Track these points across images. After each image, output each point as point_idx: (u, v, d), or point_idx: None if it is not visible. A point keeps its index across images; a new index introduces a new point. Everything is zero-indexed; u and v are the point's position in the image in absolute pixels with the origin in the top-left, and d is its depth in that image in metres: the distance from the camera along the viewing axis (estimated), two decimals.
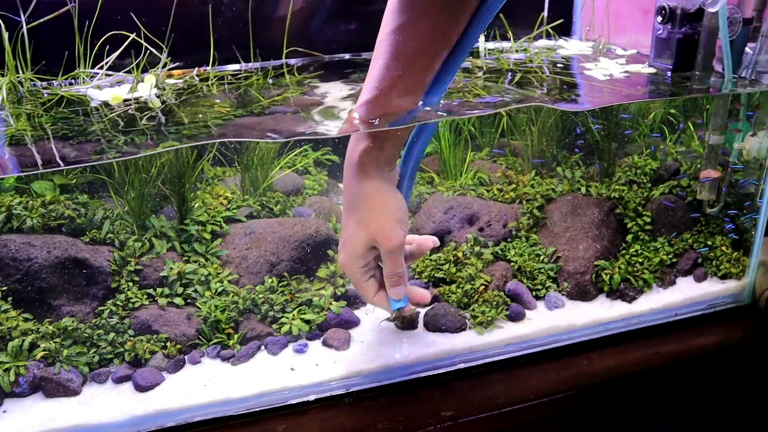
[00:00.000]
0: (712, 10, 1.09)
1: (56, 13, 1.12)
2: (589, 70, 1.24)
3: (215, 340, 1.07)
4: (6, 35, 1.07)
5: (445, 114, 0.97)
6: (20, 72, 1.11)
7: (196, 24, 1.24)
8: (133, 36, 1.13)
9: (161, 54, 1.16)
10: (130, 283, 1.10)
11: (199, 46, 1.24)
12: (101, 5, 1.14)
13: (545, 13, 1.45)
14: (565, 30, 1.51)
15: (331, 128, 0.98)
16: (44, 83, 1.15)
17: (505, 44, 1.41)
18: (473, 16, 0.87)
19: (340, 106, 1.08)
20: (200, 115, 1.00)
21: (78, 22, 1.12)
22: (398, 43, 0.85)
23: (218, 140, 0.97)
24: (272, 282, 1.14)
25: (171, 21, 1.18)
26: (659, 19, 1.19)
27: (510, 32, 1.39)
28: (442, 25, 0.85)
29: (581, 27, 1.52)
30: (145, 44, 1.14)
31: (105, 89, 1.12)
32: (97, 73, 1.15)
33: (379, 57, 0.87)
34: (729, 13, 1.10)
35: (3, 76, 1.10)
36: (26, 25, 1.09)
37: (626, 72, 1.22)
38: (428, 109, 0.92)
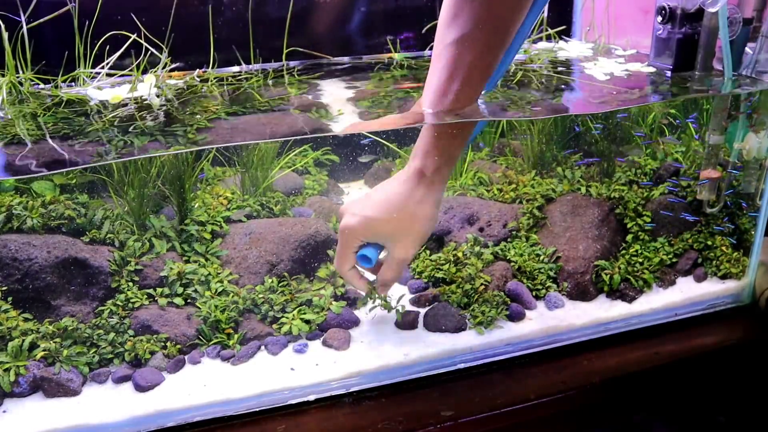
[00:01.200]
0: (712, 10, 1.09)
1: (56, 13, 1.12)
2: (589, 70, 1.24)
3: (215, 340, 1.07)
4: (6, 35, 1.07)
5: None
6: (20, 72, 1.11)
7: (197, 24, 1.24)
8: (134, 37, 1.13)
9: (161, 54, 1.16)
10: (130, 283, 1.10)
11: (199, 47, 1.24)
12: (101, 5, 1.14)
13: (545, 20, 1.45)
14: (564, 31, 1.51)
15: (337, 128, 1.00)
16: (45, 84, 1.15)
17: None
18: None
19: (343, 107, 1.08)
20: (198, 116, 1.00)
21: (78, 22, 1.12)
22: (453, 55, 0.90)
23: (224, 144, 0.97)
24: (272, 282, 1.14)
25: (171, 21, 1.18)
26: (659, 19, 1.19)
27: None
28: (496, 35, 0.90)
29: (581, 28, 1.53)
30: (145, 45, 1.14)
31: (105, 89, 1.12)
32: (97, 73, 1.15)
33: (434, 70, 0.92)
34: (729, 13, 1.10)
35: (3, 76, 1.10)
36: (26, 25, 1.09)
37: (627, 71, 1.22)
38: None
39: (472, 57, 0.90)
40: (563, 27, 1.49)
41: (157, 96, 1.10)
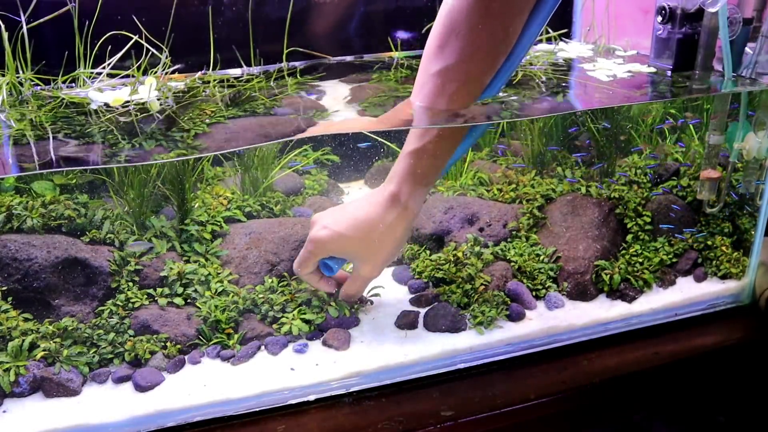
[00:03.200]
0: (712, 10, 1.09)
1: (56, 13, 1.12)
2: (591, 71, 1.24)
3: (215, 340, 1.07)
4: (6, 35, 1.07)
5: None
6: (20, 72, 1.11)
7: (197, 25, 1.24)
8: (135, 38, 1.13)
9: (162, 55, 1.16)
10: (130, 283, 1.10)
11: (200, 48, 1.24)
12: (101, 5, 1.14)
13: None
14: (564, 33, 1.51)
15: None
16: (45, 85, 1.15)
17: None
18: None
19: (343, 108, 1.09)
20: (204, 121, 1.00)
21: (78, 22, 1.12)
22: (437, 85, 0.93)
23: (221, 152, 0.97)
24: (272, 282, 1.14)
25: (171, 21, 1.18)
26: (659, 19, 1.19)
27: None
28: (480, 67, 0.93)
29: (581, 29, 1.52)
30: (146, 45, 1.14)
31: (106, 92, 1.12)
32: (98, 74, 1.15)
33: (418, 97, 0.95)
34: (729, 13, 1.10)
35: (3, 76, 1.10)
36: (26, 25, 1.09)
37: (629, 72, 1.22)
38: None
39: (454, 88, 0.94)
40: (565, 30, 1.49)
41: (158, 99, 1.10)
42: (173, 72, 1.20)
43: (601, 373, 1.08)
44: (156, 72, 1.16)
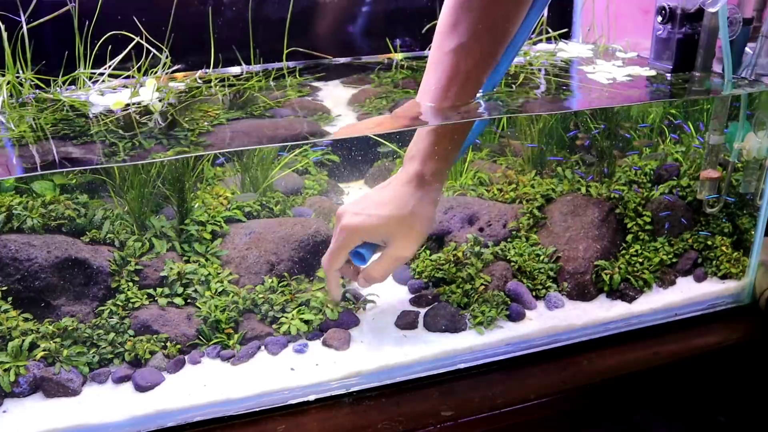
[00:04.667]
0: (712, 10, 1.09)
1: (56, 13, 1.12)
2: (592, 74, 1.24)
3: (215, 340, 1.07)
4: (5, 35, 1.07)
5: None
6: (20, 73, 1.11)
7: (198, 24, 1.24)
8: (136, 40, 1.13)
9: (162, 55, 1.16)
10: (130, 283, 1.10)
11: (200, 47, 1.24)
12: (101, 5, 1.14)
13: (544, 18, 1.45)
14: (564, 33, 1.51)
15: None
16: (46, 86, 1.15)
17: None
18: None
19: (343, 108, 1.09)
20: (204, 123, 1.01)
21: (78, 22, 1.12)
22: (452, 63, 0.94)
23: (222, 150, 0.97)
24: (272, 282, 1.14)
25: (171, 21, 1.18)
26: (659, 19, 1.19)
27: None
28: (492, 45, 0.94)
29: (581, 29, 1.52)
30: (146, 46, 1.14)
31: (107, 94, 1.12)
32: (100, 74, 1.15)
33: (432, 76, 0.96)
34: (729, 13, 1.10)
35: (3, 76, 1.10)
36: (26, 25, 1.09)
37: (629, 75, 1.22)
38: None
39: (469, 65, 0.94)
40: (565, 30, 1.49)
41: (159, 100, 1.10)
42: (174, 72, 1.20)
43: (601, 373, 1.08)
44: (156, 72, 1.16)
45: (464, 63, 0.94)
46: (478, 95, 0.99)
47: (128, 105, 1.07)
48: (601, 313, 1.18)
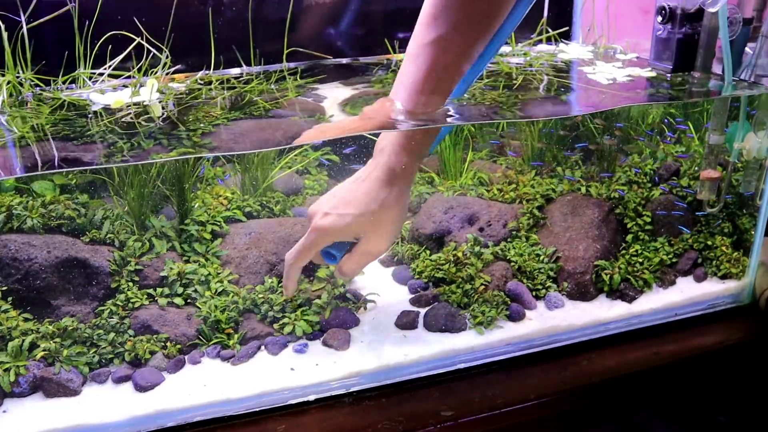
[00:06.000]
0: (712, 10, 1.09)
1: (56, 13, 1.12)
2: (592, 74, 1.24)
3: (215, 340, 1.07)
4: (6, 35, 1.07)
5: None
6: (20, 72, 1.11)
7: (198, 25, 1.24)
8: (137, 41, 1.13)
9: (162, 55, 1.16)
10: (130, 283, 1.10)
11: (201, 48, 1.24)
12: (101, 5, 1.14)
13: (544, 19, 1.44)
14: (564, 33, 1.51)
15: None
16: (46, 86, 1.15)
17: (505, 48, 1.41)
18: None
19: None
20: (202, 125, 1.01)
21: (78, 22, 1.12)
22: (430, 56, 0.90)
23: (220, 153, 0.97)
24: (272, 282, 1.14)
25: (171, 21, 1.18)
26: (659, 19, 1.19)
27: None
28: (473, 39, 0.91)
29: (581, 30, 1.52)
30: (147, 46, 1.14)
31: (107, 93, 1.12)
32: (100, 74, 1.15)
33: (409, 69, 0.93)
34: (729, 13, 1.10)
35: (2, 76, 1.10)
36: (26, 25, 1.09)
37: (629, 76, 1.22)
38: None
39: (447, 59, 0.91)
40: (565, 29, 1.49)
41: (160, 101, 1.10)
42: (174, 72, 1.19)
43: (601, 373, 1.08)
44: (156, 72, 1.16)
45: (442, 57, 0.90)
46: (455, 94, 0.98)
47: (128, 105, 1.07)
48: (601, 313, 1.18)
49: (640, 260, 1.24)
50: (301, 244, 1.02)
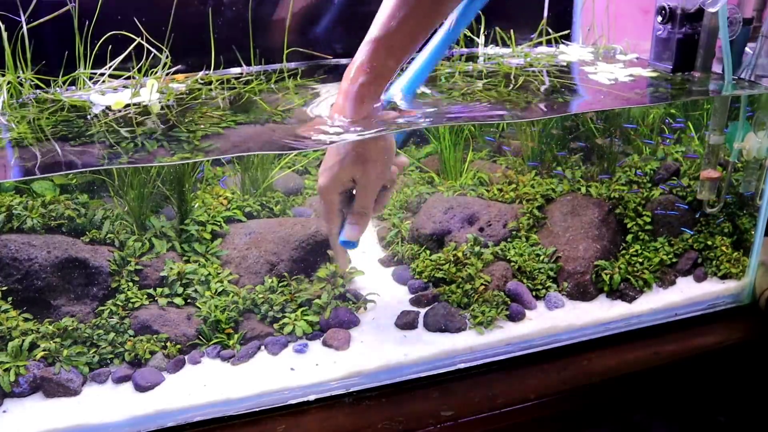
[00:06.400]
0: (712, 10, 1.09)
1: (56, 13, 1.12)
2: (593, 75, 1.23)
3: (215, 340, 1.07)
4: (6, 35, 1.07)
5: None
6: (20, 73, 1.11)
7: (198, 25, 1.24)
8: (137, 41, 1.13)
9: (162, 55, 1.16)
10: (130, 283, 1.10)
11: (200, 48, 1.24)
12: (101, 5, 1.14)
13: (544, 19, 1.44)
14: (564, 30, 1.51)
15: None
16: (46, 87, 1.15)
17: (505, 50, 1.41)
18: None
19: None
20: (202, 126, 1.00)
21: (78, 23, 1.12)
22: (362, 53, 0.93)
23: (218, 156, 0.97)
24: (272, 282, 1.14)
25: (171, 21, 1.18)
26: (659, 19, 1.19)
27: (508, 35, 1.38)
28: (406, 42, 0.93)
29: (581, 31, 1.52)
30: (147, 46, 1.14)
31: (108, 94, 1.12)
32: (101, 75, 1.15)
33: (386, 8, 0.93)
34: (729, 13, 1.10)
35: (2, 76, 1.10)
36: (26, 25, 1.09)
37: (630, 76, 1.22)
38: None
39: (380, 57, 0.93)
40: (567, 32, 1.48)
41: (160, 102, 1.10)
42: (174, 73, 1.19)
43: (601, 373, 1.08)
44: (156, 73, 1.16)
45: (376, 55, 0.92)
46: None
47: (128, 105, 1.07)
48: (601, 313, 1.18)
49: (640, 260, 1.24)
50: (323, 213, 1.02)
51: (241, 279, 1.15)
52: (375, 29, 0.94)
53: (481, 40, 1.37)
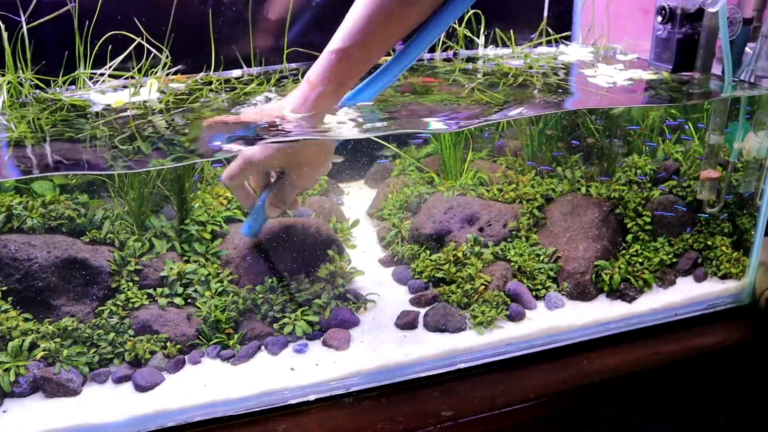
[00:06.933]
0: (712, 10, 1.09)
1: (56, 13, 1.12)
2: (592, 77, 1.23)
3: (215, 340, 1.07)
4: (6, 35, 1.07)
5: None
6: (20, 72, 1.11)
7: (198, 25, 1.24)
8: (138, 41, 1.13)
9: (162, 55, 1.16)
10: (130, 283, 1.09)
11: (200, 48, 1.24)
12: (101, 5, 1.14)
13: (544, 20, 1.44)
14: (564, 30, 1.51)
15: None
16: (46, 86, 1.15)
17: (505, 51, 1.41)
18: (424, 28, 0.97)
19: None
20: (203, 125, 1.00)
21: (78, 22, 1.12)
22: (322, 60, 0.95)
23: (214, 158, 0.98)
24: (272, 282, 1.14)
25: (171, 21, 1.18)
26: (659, 19, 1.20)
27: (508, 35, 1.38)
28: (361, 54, 0.95)
29: (581, 31, 1.52)
30: (147, 46, 1.14)
31: (108, 93, 1.12)
32: (101, 75, 1.15)
33: (350, 18, 0.95)
34: (729, 13, 1.10)
35: (3, 76, 1.10)
36: (26, 25, 1.09)
37: (630, 79, 1.22)
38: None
39: (337, 67, 0.95)
40: (567, 33, 1.49)
41: (159, 102, 1.10)
42: (174, 73, 1.19)
43: (601, 373, 1.08)
44: (156, 73, 1.16)
45: (338, 66, 0.95)
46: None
47: (128, 105, 1.07)
48: (601, 313, 1.18)
49: (640, 260, 1.25)
50: (231, 165, 1.05)
51: (241, 279, 1.15)
52: (339, 39, 0.95)
53: (481, 40, 1.37)
